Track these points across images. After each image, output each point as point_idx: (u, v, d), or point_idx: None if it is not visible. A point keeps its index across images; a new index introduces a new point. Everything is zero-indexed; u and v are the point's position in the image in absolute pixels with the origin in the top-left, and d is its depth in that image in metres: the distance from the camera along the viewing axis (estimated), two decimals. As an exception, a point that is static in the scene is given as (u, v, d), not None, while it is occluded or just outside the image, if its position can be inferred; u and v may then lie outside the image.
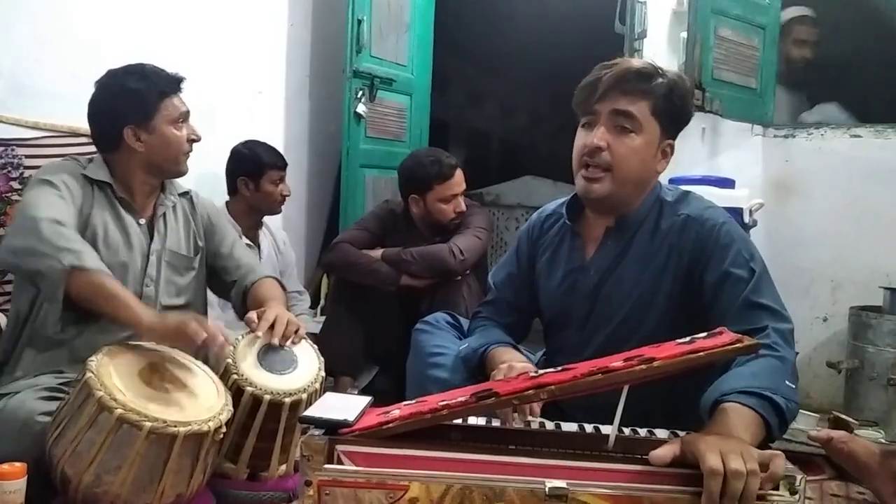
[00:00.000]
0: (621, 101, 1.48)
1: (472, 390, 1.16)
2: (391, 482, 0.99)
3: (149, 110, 1.75)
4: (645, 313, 1.53)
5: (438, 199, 2.59)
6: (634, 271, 1.54)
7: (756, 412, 1.15)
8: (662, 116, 1.51)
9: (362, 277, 2.57)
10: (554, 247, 1.69)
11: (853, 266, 2.84)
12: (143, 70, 1.78)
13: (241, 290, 1.91)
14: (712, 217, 1.50)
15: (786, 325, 1.37)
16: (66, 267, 1.50)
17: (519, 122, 7.69)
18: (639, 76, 1.48)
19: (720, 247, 1.45)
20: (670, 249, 1.51)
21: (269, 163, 2.73)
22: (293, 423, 1.60)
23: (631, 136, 1.49)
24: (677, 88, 1.51)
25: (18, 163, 2.30)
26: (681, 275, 1.49)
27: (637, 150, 1.49)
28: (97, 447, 1.35)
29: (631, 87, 1.48)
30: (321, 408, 1.16)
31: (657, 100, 1.49)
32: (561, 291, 1.65)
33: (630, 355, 1.10)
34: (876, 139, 2.87)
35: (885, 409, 2.43)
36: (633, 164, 1.50)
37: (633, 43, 2.92)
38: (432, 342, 1.75)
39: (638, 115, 1.48)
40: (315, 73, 3.46)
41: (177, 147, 1.79)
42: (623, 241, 1.57)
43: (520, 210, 4.08)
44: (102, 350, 1.48)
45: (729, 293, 1.41)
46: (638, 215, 1.56)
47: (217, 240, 1.94)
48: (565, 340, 1.66)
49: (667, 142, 1.55)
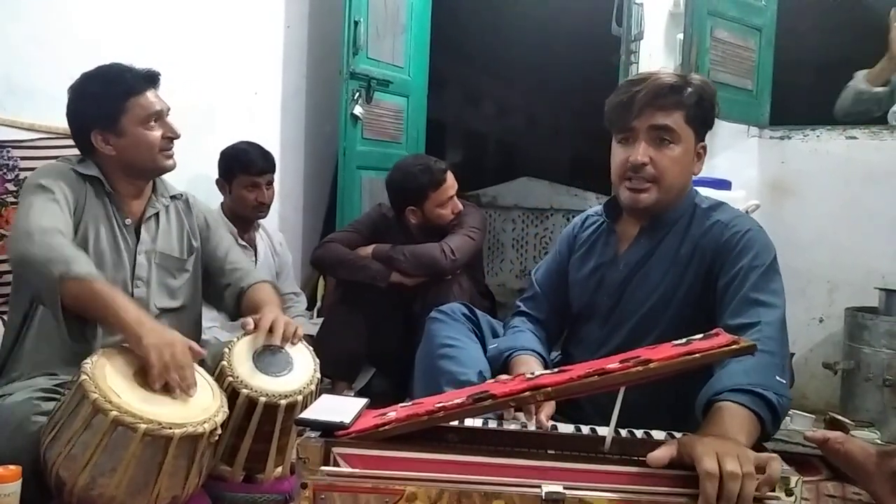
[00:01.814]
0: (658, 116, 1.53)
1: (468, 392, 1.16)
2: (386, 486, 0.99)
3: (112, 114, 1.72)
4: (664, 310, 1.57)
5: (436, 205, 2.58)
6: (661, 268, 1.59)
7: (749, 409, 1.17)
8: (695, 123, 1.57)
9: (352, 274, 2.56)
10: (590, 243, 1.74)
11: (849, 267, 2.84)
12: (109, 72, 1.75)
13: (235, 293, 1.90)
14: (740, 224, 1.55)
15: (776, 316, 1.40)
16: (56, 277, 1.48)
17: (516, 124, 7.69)
18: (672, 90, 1.53)
19: (739, 250, 1.50)
20: (695, 249, 1.56)
21: (241, 167, 2.65)
22: (289, 424, 1.60)
23: (671, 147, 1.54)
24: (706, 94, 1.57)
25: (14, 164, 2.30)
26: (702, 274, 1.54)
27: (678, 159, 1.55)
28: (92, 449, 1.35)
29: (665, 102, 1.53)
30: (317, 410, 1.16)
31: (689, 109, 1.55)
32: (590, 283, 1.70)
33: (626, 357, 1.10)
34: (871, 140, 2.87)
35: (881, 410, 2.43)
36: (676, 173, 1.56)
37: (630, 45, 2.92)
38: (444, 332, 1.75)
39: (675, 127, 1.54)
40: (312, 74, 3.46)
41: (148, 148, 1.74)
42: (655, 240, 1.61)
43: (516, 211, 4.08)
44: (97, 352, 1.47)
45: (734, 289, 1.46)
46: (672, 216, 1.61)
47: (213, 243, 1.93)
48: (588, 334, 1.70)
49: (700, 144, 1.61)
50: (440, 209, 2.59)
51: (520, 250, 4.06)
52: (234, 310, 1.90)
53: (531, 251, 4.01)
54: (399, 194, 2.63)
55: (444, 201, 2.58)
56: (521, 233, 4.05)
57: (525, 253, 4.04)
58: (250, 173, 2.65)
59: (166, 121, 1.79)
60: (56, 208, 1.62)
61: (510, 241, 4.10)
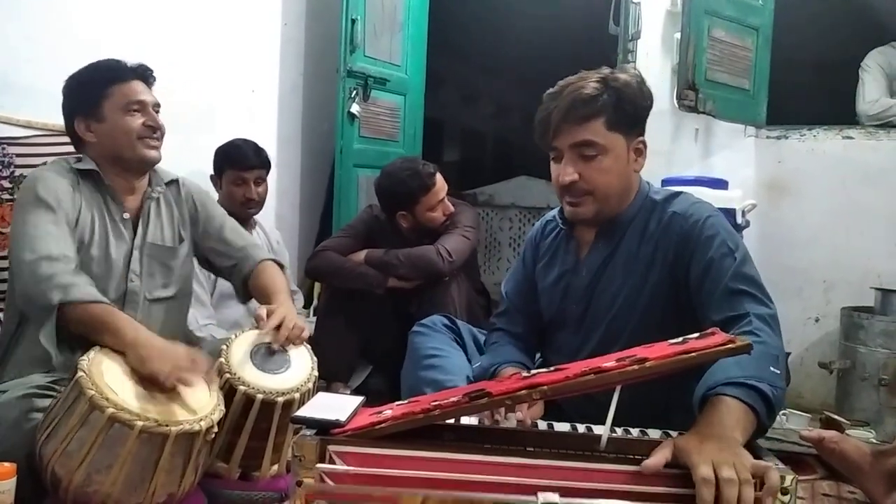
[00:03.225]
0: (576, 133, 1.49)
1: (464, 390, 1.16)
2: (380, 494, 0.99)
3: (95, 98, 1.72)
4: (632, 310, 1.55)
5: (427, 209, 2.55)
6: (623, 269, 1.57)
7: (743, 402, 1.15)
8: (620, 126, 1.51)
9: (349, 282, 2.55)
10: (553, 250, 1.72)
11: (845, 267, 2.85)
12: (99, 62, 1.76)
13: (241, 278, 1.89)
14: (697, 212, 1.51)
15: (767, 310, 1.37)
16: (55, 304, 1.49)
17: (513, 122, 7.68)
18: (585, 103, 1.47)
19: (704, 238, 1.47)
20: (656, 245, 1.53)
21: (230, 161, 2.63)
22: (286, 422, 1.59)
23: (598, 159, 1.50)
24: (625, 95, 1.50)
25: (10, 161, 2.29)
26: (666, 269, 1.51)
27: (609, 169, 1.51)
28: (88, 446, 1.34)
29: (580, 115, 1.48)
30: (313, 408, 1.16)
31: (608, 115, 1.49)
32: (556, 291, 1.67)
33: (622, 355, 1.10)
34: (868, 140, 2.88)
35: (877, 410, 2.44)
36: (609, 182, 1.52)
37: (627, 44, 2.92)
38: (428, 344, 1.76)
39: (596, 139, 1.49)
40: (309, 72, 3.45)
41: (125, 133, 1.72)
42: (613, 241, 1.59)
43: (514, 210, 4.08)
44: (94, 349, 1.47)
45: (711, 282, 1.42)
46: (627, 215, 1.58)
47: (204, 223, 1.91)
48: (563, 342, 1.68)
49: (636, 140, 1.55)
50: (431, 212, 2.56)
51: (517, 249, 4.06)
52: (243, 295, 1.91)
53: (528, 250, 4.01)
54: (389, 200, 2.59)
55: (435, 205, 2.56)
56: (518, 231, 4.05)
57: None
58: (238, 168, 2.63)
59: (150, 111, 1.77)
60: (53, 228, 1.61)
61: (507, 239, 4.10)
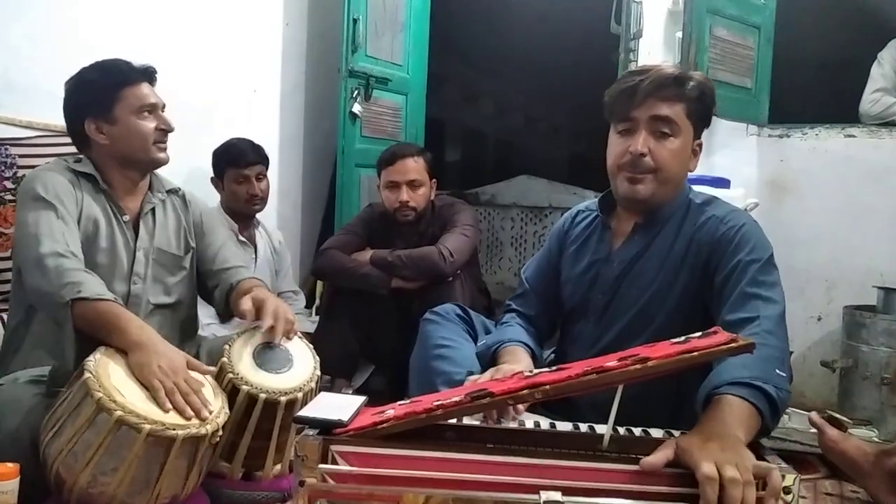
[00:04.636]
0: (660, 107, 1.53)
1: (466, 390, 1.16)
2: (382, 494, 0.99)
3: (107, 101, 1.72)
4: (660, 306, 1.56)
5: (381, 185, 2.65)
6: (655, 264, 1.59)
7: (748, 402, 1.16)
8: (695, 118, 1.57)
9: (353, 282, 2.56)
10: (583, 239, 1.73)
11: (848, 265, 2.84)
12: (105, 63, 1.76)
13: (225, 289, 1.86)
14: (735, 219, 1.55)
15: (775, 310, 1.39)
16: (67, 301, 1.49)
17: (515, 122, 7.70)
18: (675, 81, 1.53)
19: (735, 244, 1.50)
20: (689, 245, 1.56)
21: (228, 160, 2.66)
22: (289, 422, 1.59)
23: (670, 139, 1.54)
24: (707, 90, 1.57)
25: (12, 162, 2.29)
26: (698, 270, 1.54)
27: (677, 152, 1.55)
28: (95, 448, 1.34)
29: (668, 93, 1.53)
30: (316, 407, 1.16)
31: (691, 102, 1.55)
32: (583, 280, 1.69)
33: (624, 355, 1.11)
34: (870, 139, 2.87)
35: (879, 409, 2.43)
36: (675, 166, 1.56)
37: (629, 43, 2.92)
38: (439, 333, 1.75)
39: (676, 119, 1.53)
40: (310, 72, 3.45)
41: (141, 137, 1.74)
42: (649, 236, 1.61)
43: (515, 209, 4.08)
44: (100, 350, 1.47)
45: (732, 284, 1.45)
46: (667, 212, 1.60)
47: (206, 241, 1.91)
48: (581, 332, 1.69)
49: (696, 142, 1.61)
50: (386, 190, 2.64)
51: (518, 248, 4.06)
52: (224, 306, 1.87)
53: (530, 249, 4.00)
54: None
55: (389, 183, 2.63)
56: (520, 231, 4.05)
57: (524, 251, 4.03)
58: (238, 166, 2.66)
59: (160, 113, 1.79)
60: (60, 226, 1.61)
61: (509, 239, 4.09)
